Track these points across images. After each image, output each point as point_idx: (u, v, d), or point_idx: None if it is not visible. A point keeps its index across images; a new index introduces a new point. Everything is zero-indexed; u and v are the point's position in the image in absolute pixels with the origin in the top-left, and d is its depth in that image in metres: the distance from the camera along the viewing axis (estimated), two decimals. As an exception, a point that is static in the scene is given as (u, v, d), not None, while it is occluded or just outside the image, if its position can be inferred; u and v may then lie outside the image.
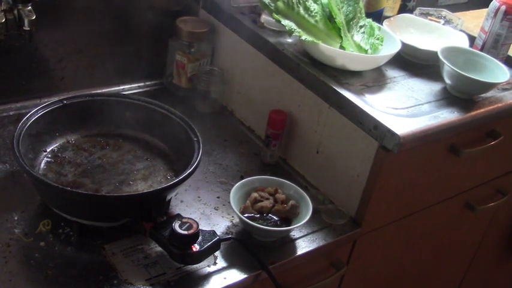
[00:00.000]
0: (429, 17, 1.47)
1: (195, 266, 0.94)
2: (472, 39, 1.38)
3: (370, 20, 1.26)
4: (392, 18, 1.38)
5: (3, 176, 1.05)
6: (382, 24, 1.30)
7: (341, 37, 1.20)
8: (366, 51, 1.21)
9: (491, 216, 1.58)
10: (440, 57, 1.16)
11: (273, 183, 1.09)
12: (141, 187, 1.04)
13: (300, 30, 1.13)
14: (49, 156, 1.06)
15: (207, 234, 0.93)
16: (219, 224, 1.05)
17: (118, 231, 0.97)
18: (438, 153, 1.18)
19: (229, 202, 1.02)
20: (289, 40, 1.24)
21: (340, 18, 1.20)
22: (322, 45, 1.13)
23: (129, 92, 1.37)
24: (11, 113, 1.22)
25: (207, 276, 0.94)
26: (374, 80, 1.18)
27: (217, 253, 0.97)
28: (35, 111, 1.04)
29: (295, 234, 1.06)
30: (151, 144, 1.14)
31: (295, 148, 1.24)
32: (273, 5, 1.16)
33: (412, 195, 1.22)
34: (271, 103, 1.25)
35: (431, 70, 1.25)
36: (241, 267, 0.96)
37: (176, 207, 1.07)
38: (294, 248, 1.04)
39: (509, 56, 1.37)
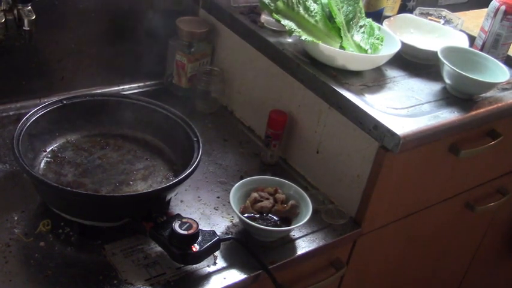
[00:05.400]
0: (429, 17, 1.47)
1: (195, 266, 0.94)
2: (472, 39, 1.38)
3: (370, 20, 1.26)
4: (392, 18, 1.38)
5: (3, 176, 1.05)
6: (382, 24, 1.30)
7: (341, 37, 1.19)
8: (365, 51, 1.21)
9: (491, 216, 1.58)
10: (440, 57, 1.16)
11: (273, 183, 1.09)
12: (141, 187, 1.04)
13: (300, 30, 1.13)
14: (49, 156, 1.06)
15: (207, 234, 0.93)
16: (219, 224, 1.05)
17: (118, 231, 0.97)
18: (438, 153, 1.18)
19: (229, 202, 1.02)
20: (289, 40, 1.24)
21: (340, 18, 1.20)
22: (322, 45, 1.13)
23: (129, 92, 1.37)
24: (11, 113, 1.22)
25: (207, 276, 0.94)
26: (374, 80, 1.18)
27: (217, 253, 0.97)
28: (35, 111, 1.04)
29: (295, 234, 1.06)
30: (151, 144, 1.14)
31: (295, 148, 1.24)
32: (272, 5, 1.16)
33: (412, 195, 1.22)
34: (271, 103, 1.25)
35: (431, 70, 1.25)
36: (241, 267, 0.96)
37: (176, 207, 1.07)
38: (294, 248, 1.04)
39: (509, 56, 1.37)
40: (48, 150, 1.07)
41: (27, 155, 0.99)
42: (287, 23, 1.13)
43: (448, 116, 1.11)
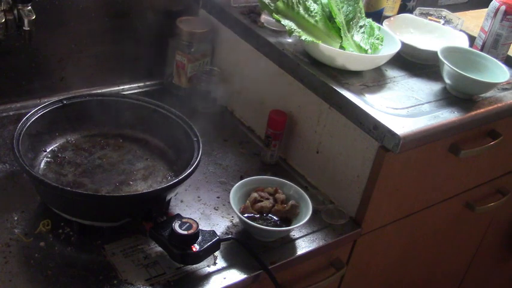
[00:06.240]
0: (429, 17, 1.47)
1: (195, 266, 0.94)
2: (472, 39, 1.38)
3: (370, 20, 1.26)
4: (392, 18, 1.38)
5: (3, 176, 1.05)
6: (382, 24, 1.30)
7: (341, 37, 1.19)
8: (365, 51, 1.21)
9: (491, 216, 1.58)
10: (440, 57, 1.16)
11: (273, 183, 1.09)
12: (141, 187, 1.04)
13: (299, 30, 1.13)
14: (49, 156, 1.06)
15: (207, 234, 0.93)
16: (219, 224, 1.05)
17: (118, 231, 0.97)
18: (438, 153, 1.18)
19: (229, 202, 1.02)
20: (289, 40, 1.24)
21: (340, 18, 1.20)
22: (322, 45, 1.13)
23: (129, 92, 1.37)
24: (11, 113, 1.22)
25: (207, 276, 0.94)
26: (374, 80, 1.18)
27: (217, 253, 0.97)
28: (35, 111, 1.04)
29: (295, 234, 1.06)
30: (151, 144, 1.14)
31: (295, 148, 1.24)
32: (272, 5, 1.16)
33: (412, 195, 1.22)
34: (271, 103, 1.25)
35: (431, 70, 1.25)
36: (241, 267, 0.96)
37: (176, 207, 1.07)
38: (294, 248, 1.04)
39: (509, 56, 1.37)
40: (48, 150, 1.07)
41: (27, 155, 0.99)
42: (287, 23, 1.13)
43: (448, 116, 1.11)
